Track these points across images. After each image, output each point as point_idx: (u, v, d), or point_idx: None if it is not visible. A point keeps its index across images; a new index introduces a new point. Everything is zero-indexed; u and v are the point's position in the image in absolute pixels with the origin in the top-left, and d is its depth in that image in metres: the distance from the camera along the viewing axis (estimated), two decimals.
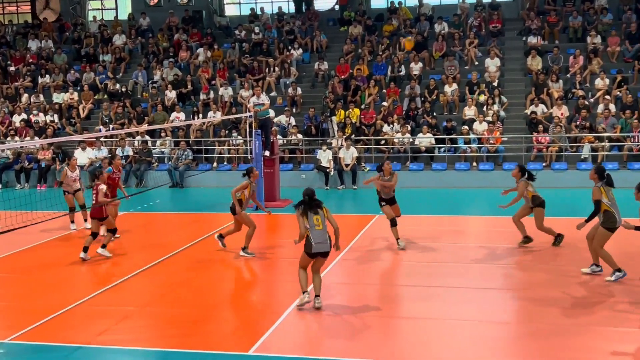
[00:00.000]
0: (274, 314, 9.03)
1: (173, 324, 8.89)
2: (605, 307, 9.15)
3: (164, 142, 22.87)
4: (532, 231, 12.40)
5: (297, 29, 27.00)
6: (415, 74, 23.56)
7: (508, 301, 9.71)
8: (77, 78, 26.35)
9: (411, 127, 21.52)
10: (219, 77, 24.83)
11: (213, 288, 10.62)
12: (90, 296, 9.97)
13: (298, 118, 22.84)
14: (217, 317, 9.17)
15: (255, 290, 10.78)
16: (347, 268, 11.58)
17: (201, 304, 9.64)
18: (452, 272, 11.06)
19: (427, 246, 12.79)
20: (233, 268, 11.83)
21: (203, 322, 8.90)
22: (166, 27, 28.33)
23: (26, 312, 9.38)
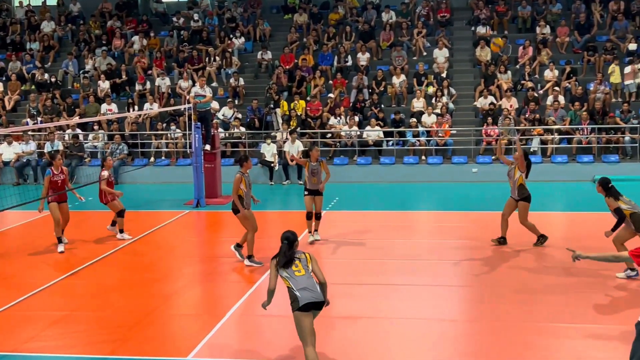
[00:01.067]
0: (215, 317, 8.95)
1: (106, 329, 8.70)
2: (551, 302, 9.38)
3: (96, 135, 22.42)
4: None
5: (239, 16, 26.81)
6: (363, 65, 23.68)
7: (456, 298, 9.86)
8: (2, 68, 25.57)
9: (359, 119, 21.63)
10: (156, 67, 24.45)
11: (150, 290, 10.44)
12: (16, 301, 9.69)
13: (241, 110, 22.69)
14: (154, 321, 9.03)
15: (195, 292, 10.66)
16: None
17: (136, 307, 9.48)
18: (401, 269, 11.16)
19: (375, 243, 12.87)
20: (171, 269, 11.68)
21: (139, 327, 8.75)
22: (98, 13, 27.75)
23: None
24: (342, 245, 12.78)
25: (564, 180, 19.11)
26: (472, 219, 14.89)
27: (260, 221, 14.35)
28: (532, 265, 11.17)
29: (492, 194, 17.94)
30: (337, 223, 14.77)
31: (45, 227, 14.78)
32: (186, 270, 11.77)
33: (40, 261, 12.07)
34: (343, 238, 13.27)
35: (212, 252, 13.08)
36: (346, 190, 18.74)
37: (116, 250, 12.55)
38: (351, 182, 19.71)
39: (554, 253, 11.75)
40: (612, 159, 19.71)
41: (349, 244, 12.90)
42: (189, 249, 13.08)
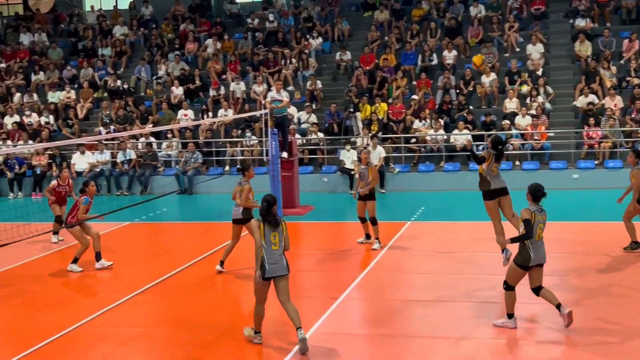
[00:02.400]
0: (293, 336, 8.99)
1: (181, 347, 8.89)
2: None
3: (170, 144, 22.99)
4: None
5: (316, 15, 27.02)
6: (449, 64, 23.45)
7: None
8: (74, 75, 26.59)
9: (445, 122, 21.41)
10: (230, 71, 24.91)
11: (226, 307, 10.61)
12: (90, 317, 10.01)
13: (318, 115, 22.84)
14: (231, 339, 9.14)
15: (273, 308, 10.73)
16: (376, 283, 11.52)
17: (212, 325, 9.63)
18: (493, 284, 10.94)
19: (463, 256, 12.68)
20: (248, 284, 11.81)
21: (215, 346, 8.89)
22: (171, 16, 28.50)
23: (22, 334, 9.45)
24: (427, 258, 12.66)
25: None
26: (573, 229, 14.47)
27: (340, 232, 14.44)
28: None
29: (596, 203, 17.40)
30: (423, 235, 14.64)
31: (119, 240, 15.30)
32: None
33: (113, 276, 12.45)
34: (428, 250, 13.15)
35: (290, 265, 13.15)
36: (432, 199, 18.56)
37: (191, 264, 12.80)
38: (438, 191, 19.51)
39: None
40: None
41: (434, 257, 12.76)
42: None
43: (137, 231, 16.31)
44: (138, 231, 16.36)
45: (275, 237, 8.42)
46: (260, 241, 8.34)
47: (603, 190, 18.45)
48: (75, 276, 12.32)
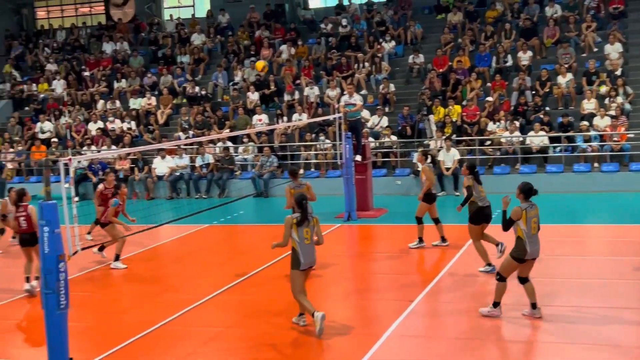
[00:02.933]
0: (372, 337, 9.02)
1: (262, 347, 9.03)
2: None
3: (246, 148, 23.33)
4: None
5: (389, 19, 26.98)
6: (524, 65, 23.06)
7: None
8: (154, 82, 27.28)
9: (521, 124, 21.05)
10: (304, 76, 25.13)
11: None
12: (172, 317, 10.27)
13: (391, 118, 22.80)
14: (309, 340, 9.23)
15: (349, 310, 10.80)
16: (451, 286, 11.44)
17: (290, 325, 9.73)
18: (570, 290, 10.74)
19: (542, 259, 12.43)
20: (324, 285, 11.91)
21: (294, 346, 9.01)
22: (247, 23, 28.92)
23: (108, 333, 9.78)
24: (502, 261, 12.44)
25: None
26: None
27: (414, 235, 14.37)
28: None
29: None
30: (499, 238, 14.41)
31: (199, 241, 15.63)
32: (339, 286, 11.98)
33: (193, 276, 12.74)
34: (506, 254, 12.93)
35: (365, 268, 13.22)
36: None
37: (267, 266, 12.97)
38: (513, 193, 19.15)
39: None
40: None
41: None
42: (341, 264, 13.27)
43: (215, 233, 16.63)
44: (216, 233, 16.67)
45: (307, 233, 9.13)
46: (289, 238, 9.08)
47: None
48: (157, 276, 12.66)
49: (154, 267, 13.34)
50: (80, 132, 25.32)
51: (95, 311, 10.89)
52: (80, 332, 9.54)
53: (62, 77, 28.34)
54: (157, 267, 13.53)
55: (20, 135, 26.21)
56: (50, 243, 7.66)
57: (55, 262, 7.66)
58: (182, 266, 13.60)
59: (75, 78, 28.35)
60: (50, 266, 7.66)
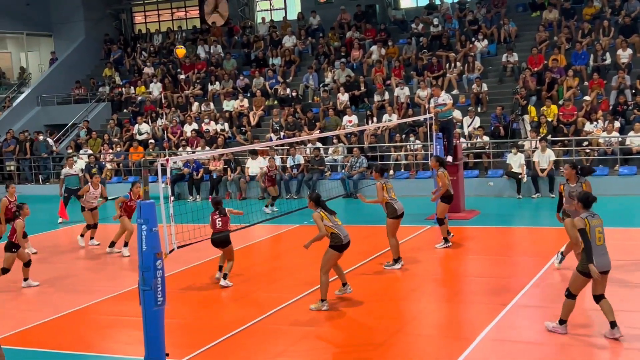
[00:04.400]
0: (464, 341, 8.88)
1: (352, 348, 9.03)
2: None
3: (336, 149, 23.41)
4: None
5: (482, 17, 26.55)
6: (624, 63, 22.24)
7: None
8: (247, 84, 27.75)
9: (620, 124, 20.29)
10: (395, 77, 25.01)
11: (394, 309, 10.65)
12: (265, 315, 10.40)
13: (484, 118, 22.40)
14: (399, 342, 9.17)
15: (441, 312, 10.67)
16: (547, 290, 11.12)
17: (381, 326, 9.70)
18: None
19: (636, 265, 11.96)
20: (415, 287, 11.80)
21: (384, 348, 8.95)
22: (337, 25, 29.04)
23: (201, 330, 9.99)
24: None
25: None
26: None
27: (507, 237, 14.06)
28: None
29: None
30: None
31: (289, 241, 15.77)
32: (431, 288, 11.85)
33: (285, 275, 12.87)
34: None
35: (458, 270, 13.03)
36: (607, 204, 17.56)
37: (357, 267, 12.95)
38: (613, 195, 18.50)
39: None
40: None
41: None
42: (431, 266, 13.13)
43: (305, 234, 16.66)
44: (306, 233, 16.71)
45: (337, 217, 10.63)
46: (325, 229, 10.38)
47: None
48: (249, 275, 12.83)
49: (246, 266, 13.53)
50: (176, 134, 26.02)
51: (191, 308, 11.14)
52: (176, 328, 9.79)
53: (158, 80, 29.22)
54: (249, 266, 13.72)
55: (119, 137, 27.19)
56: (148, 241, 7.88)
57: (152, 259, 7.87)
58: (273, 265, 13.77)
59: (171, 81, 29.16)
60: (148, 264, 7.88)
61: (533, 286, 11.15)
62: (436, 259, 13.69)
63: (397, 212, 12.61)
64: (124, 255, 14.84)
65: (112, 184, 25.08)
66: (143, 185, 8.11)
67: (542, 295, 10.95)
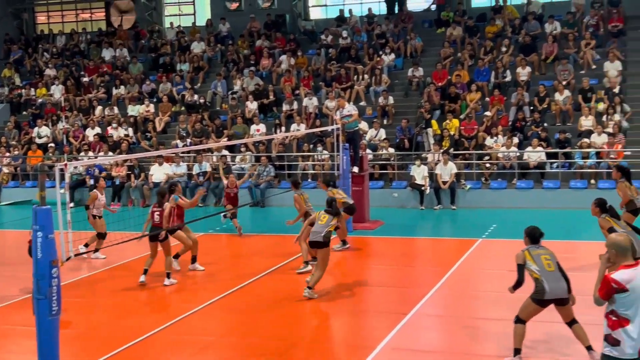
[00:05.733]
0: (366, 349, 8.98)
1: (255, 357, 8.98)
2: None
3: (244, 157, 23.30)
4: None
5: (389, 32, 27.03)
6: (523, 80, 23.09)
7: None
8: (153, 89, 27.27)
9: (519, 139, 21.07)
10: (303, 87, 25.14)
11: (298, 318, 10.67)
12: (165, 325, 10.21)
13: (389, 130, 22.80)
14: (302, 351, 9.20)
15: (344, 321, 10.76)
16: (445, 300, 11.40)
17: (285, 335, 9.70)
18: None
19: None
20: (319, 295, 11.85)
21: (286, 356, 8.95)
22: (247, 33, 28.96)
23: (100, 340, 9.71)
24: (498, 276, 12.41)
25: None
26: None
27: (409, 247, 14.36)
28: None
29: None
30: (494, 252, 14.43)
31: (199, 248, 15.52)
32: (332, 299, 11.92)
33: (188, 284, 12.68)
34: (500, 269, 12.90)
35: (361, 280, 13.16)
36: (505, 216, 18.27)
37: (260, 276, 12.91)
38: (510, 208, 19.18)
39: None
40: None
41: (505, 276, 12.49)
42: (335, 276, 13.22)
43: (211, 242, 16.53)
44: (211, 242, 16.58)
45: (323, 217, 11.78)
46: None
47: None
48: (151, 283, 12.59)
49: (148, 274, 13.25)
50: (77, 138, 25.28)
51: (87, 318, 10.82)
52: (71, 338, 9.48)
53: (60, 82, 28.32)
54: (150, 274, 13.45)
55: (17, 140, 26.17)
56: (44, 248, 7.59)
57: (48, 267, 7.59)
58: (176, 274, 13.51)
59: (74, 83, 28.31)
60: (43, 271, 7.59)
61: (433, 295, 11.40)
62: (339, 268, 13.82)
63: None
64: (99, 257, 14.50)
65: (9, 189, 24.17)
66: (39, 191, 7.83)
67: (443, 304, 11.23)
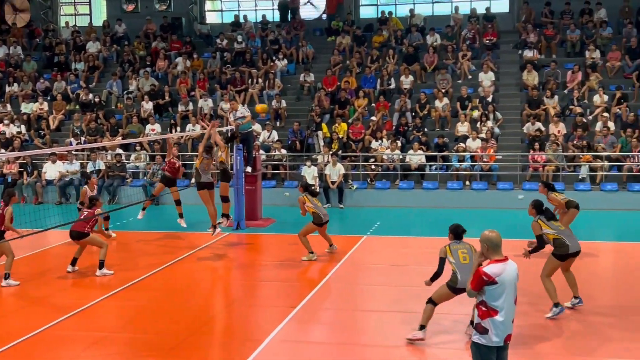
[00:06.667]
0: (255, 342, 8.96)
1: (145, 352, 8.78)
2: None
3: (138, 156, 22.77)
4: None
5: (282, 38, 27.11)
6: (406, 88, 23.68)
7: None
8: (47, 87, 26.23)
9: (401, 143, 21.60)
10: (199, 88, 24.83)
11: (187, 314, 10.49)
12: (56, 321, 9.84)
13: (282, 132, 22.86)
14: (192, 345, 9.06)
15: (233, 316, 10.70)
16: (332, 293, 11.54)
17: (174, 331, 9.52)
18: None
19: (416, 270, 12.76)
20: (208, 292, 11.75)
21: (176, 351, 8.80)
22: (143, 34, 28.33)
23: None
24: (383, 271, 12.71)
25: (614, 209, 18.76)
26: (518, 246, 14.64)
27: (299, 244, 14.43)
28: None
29: None
30: (378, 248, 14.73)
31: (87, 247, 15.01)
32: (224, 293, 11.84)
33: (79, 281, 12.25)
34: (383, 263, 13.21)
35: (251, 275, 13.13)
36: (388, 215, 18.68)
37: (153, 272, 12.67)
38: (393, 207, 19.64)
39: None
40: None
41: (389, 270, 12.82)
42: (227, 272, 13.15)
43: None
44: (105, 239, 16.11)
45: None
46: (308, 209, 13.44)
47: None
48: (42, 280, 12.09)
49: (40, 272, 12.73)
50: None
51: None
52: None
53: None
54: (42, 272, 12.92)
55: None
56: None
57: None
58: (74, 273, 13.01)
59: None
60: None
61: (321, 289, 11.51)
62: (231, 263, 13.74)
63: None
64: None
65: None
66: None
67: (330, 297, 11.34)
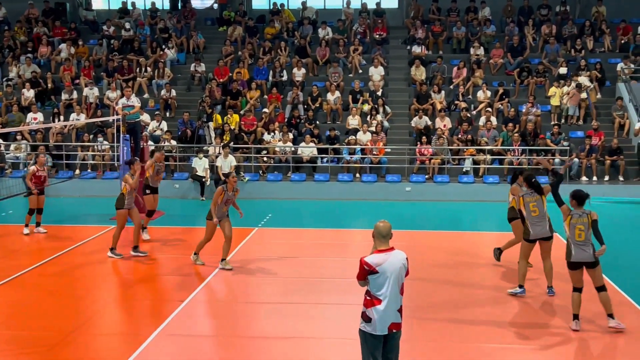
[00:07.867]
0: (140, 337, 8.75)
1: (25, 349, 8.40)
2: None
3: (19, 146, 21.75)
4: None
5: (172, 27, 26.55)
6: (298, 80, 23.76)
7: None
8: None
9: (293, 135, 21.66)
10: (84, 76, 23.95)
11: (71, 309, 10.11)
12: None
13: (172, 123, 22.42)
14: (75, 341, 8.75)
15: (118, 310, 10.40)
16: (222, 286, 11.43)
17: (56, 327, 9.16)
18: (332, 288, 11.18)
19: (307, 261, 12.86)
20: (93, 287, 11.37)
21: (58, 348, 8.48)
22: (24, 19, 27.03)
23: None
24: (274, 262, 12.71)
25: (496, 200, 19.54)
26: (404, 237, 15.02)
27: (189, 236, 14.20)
28: (466, 282, 11.37)
29: (425, 213, 18.26)
30: (269, 240, 14.72)
31: None
32: (109, 288, 11.50)
33: None
34: (275, 255, 13.21)
35: (138, 269, 12.80)
36: (280, 206, 18.71)
37: (36, 266, 12.14)
38: (285, 199, 19.69)
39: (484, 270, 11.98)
40: (543, 180, 20.20)
41: (280, 261, 12.84)
42: (112, 266, 12.76)
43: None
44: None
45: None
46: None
47: (432, 202, 19.43)
48: None
49: None
50: None
51: None
52: None
53: None
54: None
55: None
56: None
57: None
58: None
59: None
60: None
61: (210, 282, 11.38)
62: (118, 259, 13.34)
63: None
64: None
65: None
66: None
67: (218, 289, 11.24)
